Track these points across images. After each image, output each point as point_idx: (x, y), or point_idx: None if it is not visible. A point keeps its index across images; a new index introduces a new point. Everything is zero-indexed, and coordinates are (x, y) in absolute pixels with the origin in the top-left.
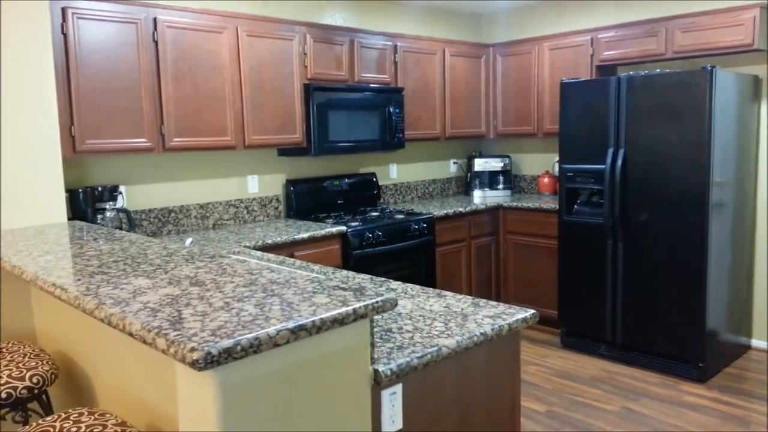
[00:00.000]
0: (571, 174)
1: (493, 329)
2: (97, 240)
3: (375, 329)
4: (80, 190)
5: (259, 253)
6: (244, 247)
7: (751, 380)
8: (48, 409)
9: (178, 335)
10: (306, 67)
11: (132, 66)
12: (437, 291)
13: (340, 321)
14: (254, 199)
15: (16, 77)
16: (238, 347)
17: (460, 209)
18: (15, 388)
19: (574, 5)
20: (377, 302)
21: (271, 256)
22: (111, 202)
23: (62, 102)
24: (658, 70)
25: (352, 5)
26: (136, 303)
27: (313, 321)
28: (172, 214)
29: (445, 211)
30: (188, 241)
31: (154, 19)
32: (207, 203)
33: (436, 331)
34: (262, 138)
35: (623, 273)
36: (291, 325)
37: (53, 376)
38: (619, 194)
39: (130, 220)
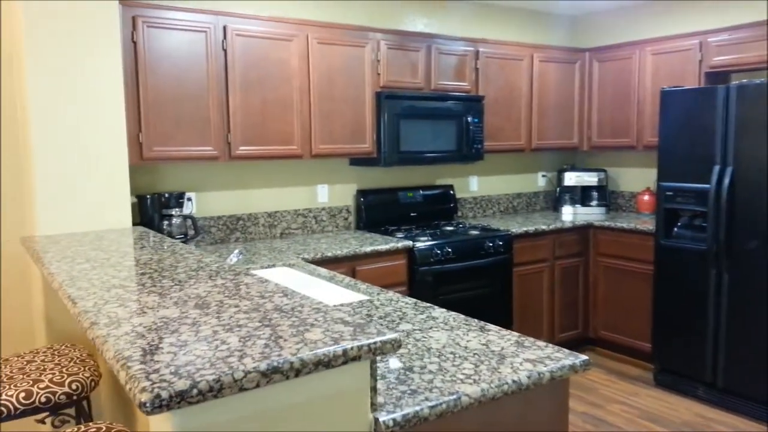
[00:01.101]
0: (671, 193)
1: (530, 377)
2: (144, 248)
3: (396, 367)
4: (148, 196)
5: (312, 266)
6: (302, 259)
7: None
8: (86, 417)
9: (140, 370)
10: (379, 74)
11: (200, 74)
12: (481, 324)
13: (325, 363)
14: (323, 209)
15: (86, 84)
16: (195, 391)
17: (543, 227)
18: (54, 393)
19: (680, 5)
20: (375, 343)
21: (323, 271)
22: (177, 209)
23: (131, 109)
24: None
25: (431, 8)
26: (128, 325)
27: (291, 362)
28: (240, 222)
29: (525, 229)
30: (234, 253)
31: (224, 28)
32: (275, 212)
33: (463, 374)
34: (330, 147)
35: (727, 307)
36: (263, 366)
37: (93, 383)
38: (726, 218)
39: (196, 227)
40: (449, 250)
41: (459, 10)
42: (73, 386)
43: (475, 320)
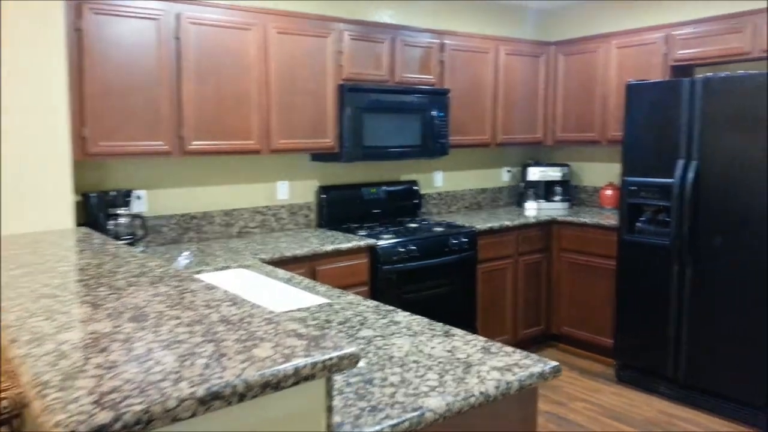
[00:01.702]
0: (635, 188)
1: (498, 387)
2: (84, 252)
3: (354, 380)
4: (93, 195)
5: (269, 267)
6: (259, 259)
7: None
8: None
9: (56, 399)
10: (341, 66)
11: (151, 65)
12: (446, 329)
13: (274, 385)
14: (283, 207)
15: (25, 74)
16: (118, 424)
17: (507, 223)
18: None
19: None
20: (330, 359)
21: (280, 272)
22: (125, 207)
23: (75, 102)
24: (740, 72)
25: (397, 0)
26: (52, 342)
27: (234, 386)
28: (194, 221)
29: (490, 225)
30: (183, 255)
31: (177, 15)
32: (232, 210)
33: (427, 386)
34: (290, 142)
35: (690, 303)
36: (201, 392)
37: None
38: (689, 213)
39: (145, 227)
40: (413, 247)
41: (424, 2)
42: (3, 403)
43: (440, 324)
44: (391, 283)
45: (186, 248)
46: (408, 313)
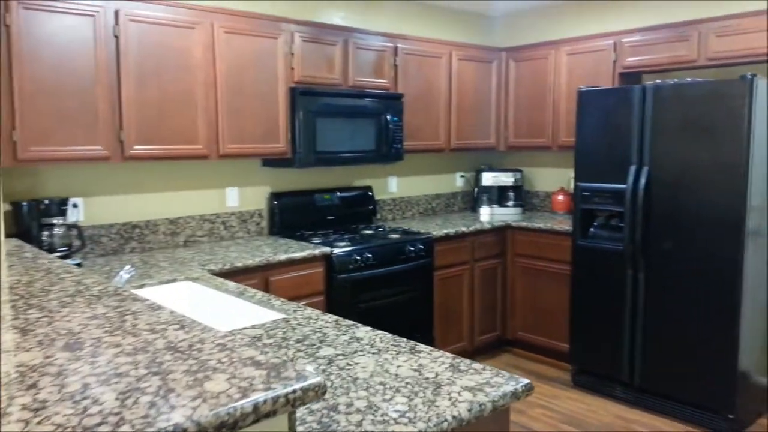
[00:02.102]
0: (588, 193)
1: (471, 410)
2: (13, 267)
3: (317, 406)
4: (25, 203)
5: (219, 279)
6: (208, 271)
7: None
8: None
9: None
10: (293, 69)
11: (87, 64)
12: (411, 344)
13: (230, 425)
14: (233, 214)
15: None
16: None
17: (463, 229)
18: None
19: (596, 6)
20: (294, 392)
21: (231, 284)
22: (60, 217)
23: (4, 104)
24: (688, 79)
25: (348, 1)
26: None
27: (184, 430)
28: (137, 230)
29: (446, 231)
30: (124, 270)
31: (116, 12)
32: (178, 218)
33: (396, 411)
34: (240, 147)
35: (644, 307)
36: None
37: None
38: (642, 218)
39: (82, 237)
40: (369, 255)
41: (377, 4)
42: None
43: (404, 340)
44: (346, 293)
45: (128, 260)
46: (369, 328)
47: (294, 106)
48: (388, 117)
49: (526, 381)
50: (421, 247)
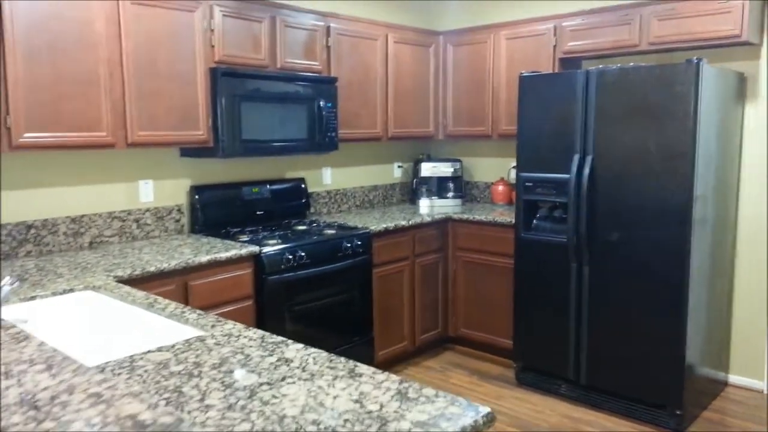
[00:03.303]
0: (531, 184)
1: None
2: None
3: (243, 381)
4: None
5: (126, 288)
6: (114, 277)
7: (733, 427)
8: None
9: None
10: (213, 47)
11: None
12: (350, 366)
13: None
14: (147, 210)
15: None
16: None
17: (402, 222)
18: None
19: None
20: None
21: (139, 294)
22: None
23: None
24: (632, 64)
25: None
26: None
27: None
28: (32, 231)
29: (384, 225)
30: (4, 282)
31: None
32: (82, 216)
33: None
34: (152, 134)
35: (589, 301)
36: None
37: None
38: (586, 209)
39: None
40: (302, 254)
41: None
42: None
43: (342, 360)
44: (278, 296)
45: (21, 266)
46: (301, 345)
47: (215, 89)
48: (321, 103)
49: (486, 410)
50: (359, 243)
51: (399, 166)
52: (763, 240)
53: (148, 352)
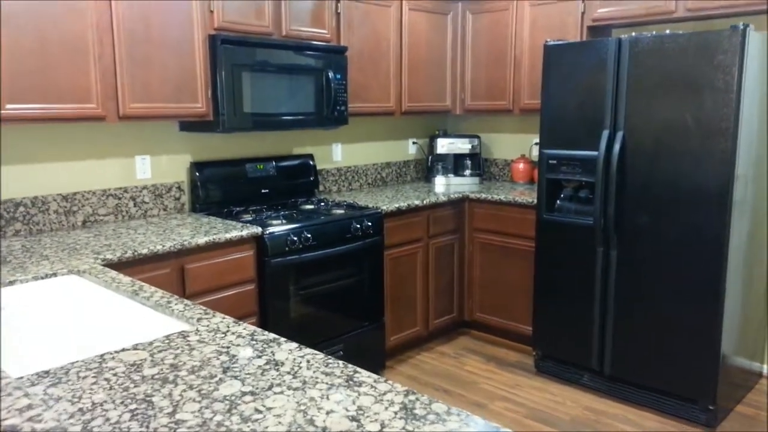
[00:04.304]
0: (555, 162)
1: None
2: None
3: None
4: None
5: (112, 273)
6: (102, 260)
7: None
8: None
9: None
10: (212, 12)
11: None
12: (349, 372)
13: None
14: (145, 188)
15: None
16: None
17: (416, 202)
18: None
19: None
20: None
21: (125, 280)
22: None
23: None
24: (668, 32)
25: None
26: None
27: None
28: (21, 209)
29: (397, 205)
30: None
31: None
32: (74, 193)
33: None
34: (147, 107)
35: (616, 288)
36: None
37: None
38: (615, 189)
39: None
40: (308, 235)
41: None
42: None
43: (339, 364)
44: (282, 279)
45: (8, 246)
46: (295, 345)
47: (215, 59)
48: (330, 74)
49: None
50: (369, 224)
51: (414, 143)
52: None
53: (123, 350)
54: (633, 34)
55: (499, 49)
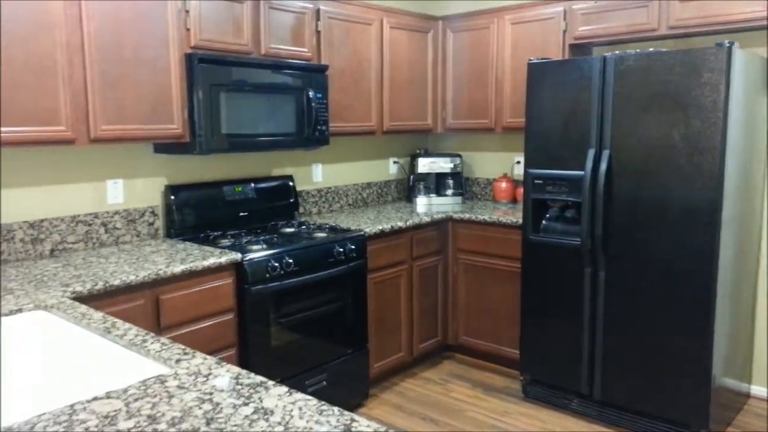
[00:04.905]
0: (540, 181)
1: None
2: None
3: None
4: None
5: (83, 308)
6: (71, 294)
7: None
8: None
9: None
10: (188, 30)
11: None
12: (346, 421)
13: None
14: (117, 213)
15: None
16: None
17: (399, 224)
18: None
19: None
20: None
21: (96, 316)
22: None
23: None
24: (651, 49)
25: None
26: None
27: None
28: None
29: (380, 227)
30: None
31: None
32: (41, 220)
33: None
34: (119, 128)
35: (604, 309)
36: None
37: None
38: (602, 209)
39: None
40: (290, 260)
41: None
42: None
43: (335, 411)
44: (263, 307)
45: None
46: (285, 389)
47: (191, 78)
48: (311, 93)
49: None
50: (352, 247)
51: (395, 162)
52: None
53: (94, 399)
54: (617, 52)
55: (481, 66)
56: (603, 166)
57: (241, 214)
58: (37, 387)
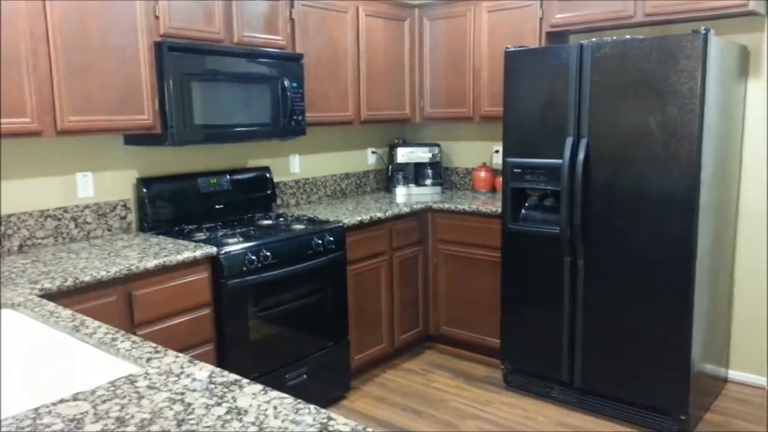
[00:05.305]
0: (519, 170)
1: None
2: None
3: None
4: None
5: (51, 306)
6: (39, 291)
7: (739, 430)
8: None
9: None
10: (157, 18)
11: None
12: (323, 419)
13: None
14: (87, 207)
15: None
16: None
17: (379, 214)
18: None
19: None
20: None
21: (65, 314)
22: None
23: None
24: (628, 37)
25: None
26: None
27: None
28: None
29: (359, 218)
30: None
31: None
32: (9, 216)
33: None
34: (87, 120)
35: (584, 297)
36: None
37: None
38: (581, 197)
39: None
40: (267, 253)
41: None
42: None
43: (312, 410)
44: (241, 301)
45: None
46: (260, 387)
47: (161, 67)
48: (286, 82)
49: None
50: (331, 238)
51: (373, 152)
52: (764, 226)
53: (61, 401)
54: (593, 39)
55: (458, 55)
56: (581, 155)
57: (217, 206)
58: (0, 390)
